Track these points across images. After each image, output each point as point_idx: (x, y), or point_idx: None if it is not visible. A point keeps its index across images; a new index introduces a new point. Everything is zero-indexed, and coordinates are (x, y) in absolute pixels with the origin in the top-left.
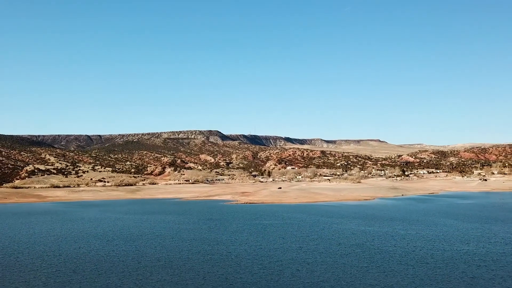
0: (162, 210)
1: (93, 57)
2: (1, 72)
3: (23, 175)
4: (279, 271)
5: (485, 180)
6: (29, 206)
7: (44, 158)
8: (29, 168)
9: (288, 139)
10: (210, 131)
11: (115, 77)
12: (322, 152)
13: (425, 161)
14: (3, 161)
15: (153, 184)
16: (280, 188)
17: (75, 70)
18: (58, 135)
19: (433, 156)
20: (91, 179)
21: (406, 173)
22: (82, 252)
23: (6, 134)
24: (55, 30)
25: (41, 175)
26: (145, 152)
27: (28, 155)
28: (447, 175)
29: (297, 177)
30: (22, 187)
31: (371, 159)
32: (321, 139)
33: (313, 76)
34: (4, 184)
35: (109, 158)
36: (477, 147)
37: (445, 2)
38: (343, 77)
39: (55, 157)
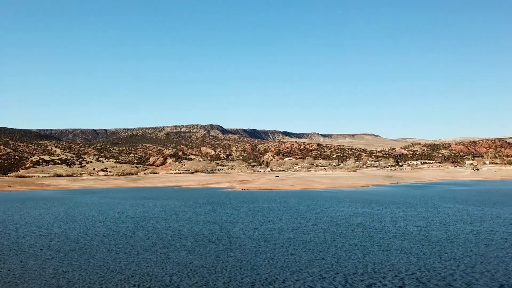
0: (160, 196)
1: (99, 55)
2: (12, 68)
3: (28, 165)
4: (274, 249)
5: (477, 169)
6: (31, 193)
7: (51, 150)
8: (34, 158)
9: (286, 133)
10: (211, 125)
11: (120, 74)
12: (319, 144)
13: (417, 153)
14: (10, 153)
15: (154, 173)
16: (278, 176)
17: (82, 67)
18: (65, 129)
19: (425, 148)
20: (94, 169)
21: (400, 163)
22: (71, 233)
23: (14, 127)
24: (62, 27)
25: (46, 165)
26: (148, 145)
27: (35, 147)
28: (440, 165)
29: (295, 167)
30: (26, 176)
31: (366, 151)
32: (318, 133)
33: (311, 73)
34: (9, 174)
35: (113, 151)
36: (467, 141)
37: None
38: (340, 74)
39: (61, 149)
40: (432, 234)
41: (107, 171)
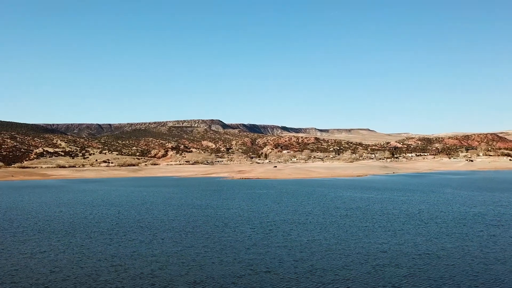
0: (158, 184)
1: (104, 53)
2: (20, 65)
3: (32, 157)
4: (269, 230)
5: (471, 161)
6: (31, 182)
7: (56, 143)
8: (38, 150)
9: (284, 128)
10: (212, 120)
11: (125, 71)
12: (316, 138)
13: (412, 146)
14: (17, 146)
15: (155, 165)
16: (276, 167)
17: (88, 64)
18: (71, 123)
19: (419, 142)
20: (96, 160)
21: (395, 155)
22: (59, 216)
23: (21, 122)
24: (69, 25)
25: (49, 157)
26: (151, 139)
27: (41, 140)
28: (434, 157)
29: (292, 159)
30: (29, 167)
31: (362, 145)
32: (315, 128)
33: (309, 70)
34: (13, 165)
35: (117, 144)
36: (460, 135)
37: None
38: (337, 71)
39: (66, 142)
40: (436, 216)
41: (108, 163)
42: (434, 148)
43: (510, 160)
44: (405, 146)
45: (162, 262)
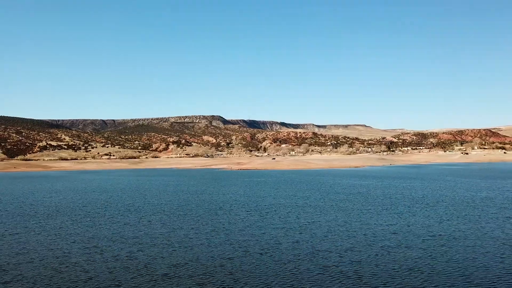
0: (156, 174)
1: (109, 51)
2: (26, 63)
3: (35, 150)
4: (266, 213)
5: (467, 153)
6: (32, 173)
7: (60, 138)
8: (42, 144)
9: (283, 124)
10: (213, 116)
11: (129, 68)
12: (314, 133)
13: (407, 141)
14: (22, 140)
15: (155, 157)
16: (274, 159)
17: (92, 62)
18: (76, 119)
19: (414, 137)
20: (98, 153)
21: (391, 149)
22: (47, 201)
23: (27, 117)
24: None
25: (52, 150)
26: (153, 133)
27: (46, 135)
28: (430, 150)
29: (291, 152)
30: (32, 159)
31: (359, 139)
32: (313, 124)
33: (307, 68)
34: (16, 157)
35: (120, 139)
36: (454, 130)
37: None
38: (334, 69)
39: (70, 137)
40: (443, 200)
41: (110, 155)
42: (429, 143)
43: (504, 153)
44: (401, 140)
45: (143, 244)
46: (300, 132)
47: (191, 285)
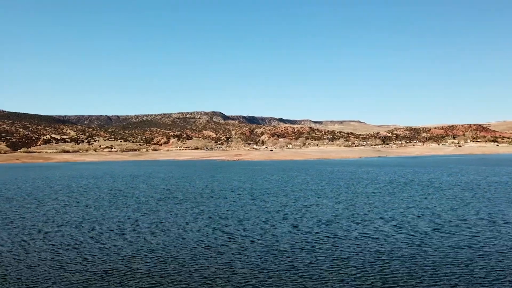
0: (153, 164)
1: (113, 50)
2: (34, 60)
3: (39, 143)
4: (261, 196)
5: (460, 146)
6: (33, 164)
7: (65, 132)
8: (46, 137)
9: (281, 120)
10: (214, 112)
11: (133, 66)
12: (311, 128)
13: (400, 136)
14: (28, 135)
15: (156, 150)
16: (271, 150)
17: (98, 61)
18: (82, 115)
19: (407, 132)
20: (100, 146)
21: (386, 142)
22: (22, 186)
23: (34, 113)
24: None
25: (55, 143)
26: (156, 128)
27: (52, 130)
28: (423, 143)
29: (288, 146)
30: (35, 152)
31: (354, 134)
32: (310, 120)
33: (305, 66)
34: (19, 150)
35: (123, 133)
36: (446, 126)
37: None
38: (331, 67)
39: (75, 131)
40: (457, 183)
41: (111, 148)
42: (422, 137)
43: (497, 145)
44: (394, 135)
45: (102, 229)
46: (297, 127)
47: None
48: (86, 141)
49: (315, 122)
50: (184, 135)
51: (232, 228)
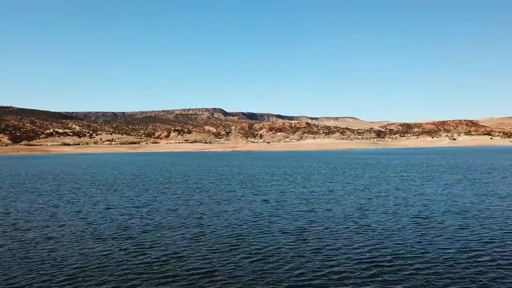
0: (149, 155)
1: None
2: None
3: (42, 136)
4: (257, 179)
5: (454, 139)
6: (32, 156)
7: (71, 127)
8: (48, 131)
9: (279, 116)
10: (215, 108)
11: (137, 64)
12: (307, 123)
13: (394, 131)
14: (35, 130)
15: (155, 143)
16: (269, 142)
17: (104, 60)
18: (89, 111)
19: (400, 127)
20: (101, 139)
21: (381, 136)
22: (26, 173)
23: (42, 109)
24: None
25: (58, 136)
26: (159, 124)
27: (58, 125)
28: (418, 137)
29: (286, 139)
30: (36, 145)
31: (349, 129)
32: (306, 116)
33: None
34: (21, 142)
35: (127, 128)
36: (437, 121)
37: None
38: (329, 65)
39: (80, 126)
40: (469, 167)
41: (111, 141)
42: (415, 131)
43: (491, 138)
44: (388, 130)
45: (70, 217)
46: (294, 123)
47: None
48: (89, 135)
49: (312, 118)
50: (186, 130)
51: (215, 220)
